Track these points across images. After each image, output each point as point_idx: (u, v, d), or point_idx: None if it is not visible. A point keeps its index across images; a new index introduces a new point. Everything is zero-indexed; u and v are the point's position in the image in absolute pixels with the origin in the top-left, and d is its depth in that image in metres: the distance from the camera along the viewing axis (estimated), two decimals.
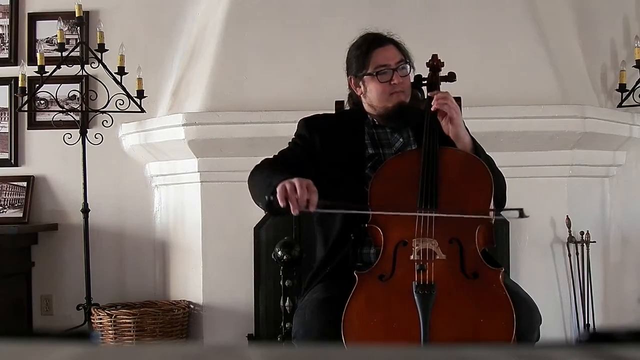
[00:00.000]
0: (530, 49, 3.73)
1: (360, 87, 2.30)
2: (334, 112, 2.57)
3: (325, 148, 2.30)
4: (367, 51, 2.26)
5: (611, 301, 3.90)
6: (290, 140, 2.39)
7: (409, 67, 2.27)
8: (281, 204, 1.94)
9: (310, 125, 2.36)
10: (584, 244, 3.69)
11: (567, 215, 3.66)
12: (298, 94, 3.63)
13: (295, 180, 1.97)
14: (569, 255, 3.70)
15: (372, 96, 2.28)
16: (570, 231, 3.67)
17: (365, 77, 2.27)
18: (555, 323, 3.66)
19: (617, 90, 3.97)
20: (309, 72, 3.73)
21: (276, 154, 2.34)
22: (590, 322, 3.69)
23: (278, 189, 1.96)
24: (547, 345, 0.68)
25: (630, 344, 0.68)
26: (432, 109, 2.17)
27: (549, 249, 3.72)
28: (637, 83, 3.91)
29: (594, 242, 3.72)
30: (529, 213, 3.70)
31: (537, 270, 3.67)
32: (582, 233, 3.69)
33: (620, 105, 3.95)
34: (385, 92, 2.25)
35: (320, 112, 2.47)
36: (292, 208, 1.94)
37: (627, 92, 3.94)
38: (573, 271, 3.70)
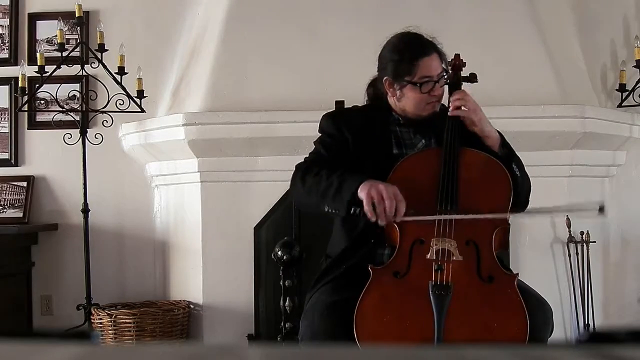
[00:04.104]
0: (530, 49, 3.73)
1: (395, 90, 2.24)
2: (350, 106, 2.47)
3: (355, 144, 2.23)
4: (413, 59, 2.19)
5: (611, 301, 3.90)
6: (317, 141, 2.30)
7: (446, 76, 2.24)
8: (371, 218, 1.93)
9: (338, 121, 2.28)
10: (584, 244, 3.69)
11: (567, 215, 3.66)
12: (298, 94, 3.63)
13: (383, 189, 1.94)
14: (569, 255, 3.70)
15: (409, 104, 2.22)
16: (570, 231, 3.67)
17: (407, 85, 2.20)
18: (556, 323, 3.63)
19: (617, 90, 3.97)
20: (309, 72, 3.73)
21: (309, 156, 2.25)
22: (590, 322, 3.70)
23: (364, 198, 1.94)
24: (548, 345, 0.68)
25: (630, 344, 0.68)
26: (449, 113, 2.15)
27: (549, 249, 3.72)
28: (637, 83, 3.91)
29: (594, 242, 3.72)
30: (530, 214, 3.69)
31: (537, 270, 3.66)
32: (582, 233, 3.69)
33: (620, 105, 3.95)
34: (423, 101, 2.20)
35: (323, 112, 2.41)
36: (379, 220, 1.94)
37: (627, 92, 3.94)
38: (573, 271, 3.70)
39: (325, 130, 2.29)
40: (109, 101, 3.92)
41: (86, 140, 3.94)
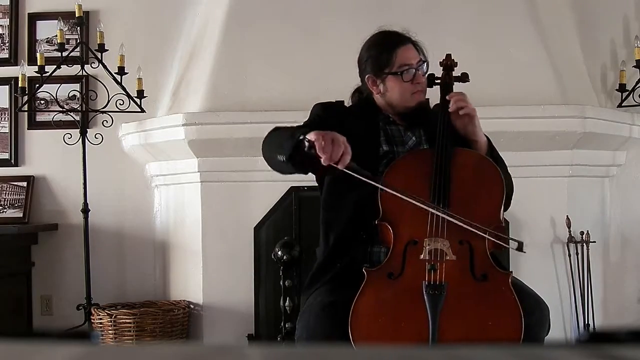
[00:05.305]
0: (530, 49, 3.73)
1: (378, 86, 2.26)
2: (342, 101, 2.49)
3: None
4: (390, 50, 2.22)
5: (611, 301, 3.90)
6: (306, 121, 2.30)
7: (426, 66, 2.26)
8: (317, 149, 1.87)
9: (328, 110, 2.29)
10: (584, 244, 3.69)
11: (567, 215, 3.66)
12: (298, 94, 3.63)
13: (335, 134, 1.91)
14: (569, 255, 3.70)
15: (394, 95, 2.24)
16: (570, 231, 3.67)
17: (388, 76, 2.23)
18: (555, 323, 3.64)
19: (617, 90, 3.97)
20: (309, 72, 3.73)
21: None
22: (590, 322, 3.70)
23: (313, 136, 1.90)
24: (547, 345, 0.68)
25: (630, 344, 0.68)
26: (450, 109, 2.15)
27: (549, 249, 3.72)
28: (637, 83, 3.91)
29: (594, 242, 3.72)
30: (529, 213, 3.70)
31: (537, 270, 3.66)
32: (582, 233, 3.69)
33: (620, 105, 3.95)
34: (407, 91, 2.22)
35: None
36: (324, 158, 1.88)
37: (627, 92, 3.94)
38: (573, 271, 3.70)
39: (315, 113, 2.30)
40: (109, 101, 3.92)
41: (86, 140, 3.95)
